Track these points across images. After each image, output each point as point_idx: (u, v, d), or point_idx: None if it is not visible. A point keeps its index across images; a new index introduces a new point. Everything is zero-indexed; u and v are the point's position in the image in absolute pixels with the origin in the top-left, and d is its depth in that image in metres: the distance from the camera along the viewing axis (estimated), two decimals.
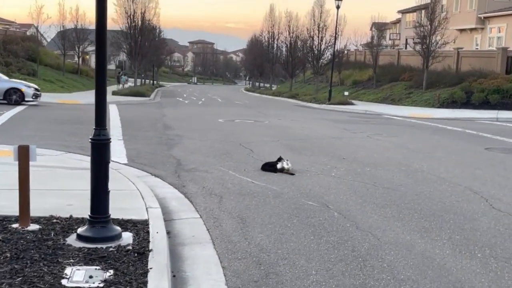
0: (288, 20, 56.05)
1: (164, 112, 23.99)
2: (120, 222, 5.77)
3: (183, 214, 6.78)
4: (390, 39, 63.84)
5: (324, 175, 9.47)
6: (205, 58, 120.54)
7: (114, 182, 7.88)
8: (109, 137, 5.26)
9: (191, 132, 15.65)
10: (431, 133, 18.29)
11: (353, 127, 19.49)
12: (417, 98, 34.65)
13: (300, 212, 6.96)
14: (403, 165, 10.82)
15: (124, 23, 39.19)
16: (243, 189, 8.17)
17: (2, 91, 23.55)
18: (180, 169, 9.67)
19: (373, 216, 6.90)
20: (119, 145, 12.35)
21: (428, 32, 35.29)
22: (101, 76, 5.10)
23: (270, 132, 16.57)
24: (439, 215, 7.01)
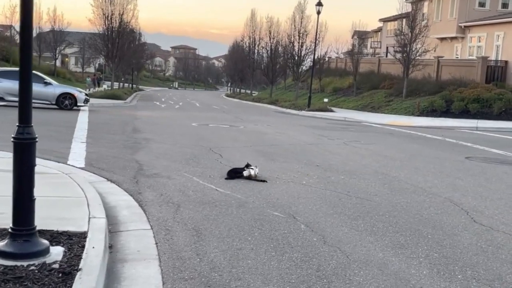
0: (269, 25, 55.71)
1: (137, 115, 23.20)
2: (53, 234, 5.04)
3: (132, 225, 6.07)
4: (371, 47, 63.84)
5: (295, 183, 8.82)
6: (186, 63, 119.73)
7: (61, 188, 7.15)
8: (34, 136, 4.51)
9: (160, 136, 14.92)
10: (410, 141, 17.80)
11: (330, 133, 18.93)
12: (397, 106, 34.33)
13: (263, 224, 6.28)
14: (380, 174, 10.23)
15: (102, 24, 38.29)
16: (205, 197, 7.48)
17: (54, 96, 23.71)
18: (140, 175, 8.94)
19: (343, 229, 6.26)
20: (80, 148, 11.59)
21: (408, 40, 35.06)
22: (25, 69, 4.41)
23: (243, 137, 15.90)
24: (416, 229, 6.40)
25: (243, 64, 64.55)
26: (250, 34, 62.34)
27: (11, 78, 22.78)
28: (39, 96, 23.19)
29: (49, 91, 23.91)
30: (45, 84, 24.11)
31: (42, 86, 23.79)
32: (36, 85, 22.40)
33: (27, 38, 4.35)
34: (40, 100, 23.54)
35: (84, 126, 16.11)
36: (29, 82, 4.45)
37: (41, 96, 23.49)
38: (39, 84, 23.56)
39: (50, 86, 24.29)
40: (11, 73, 23.82)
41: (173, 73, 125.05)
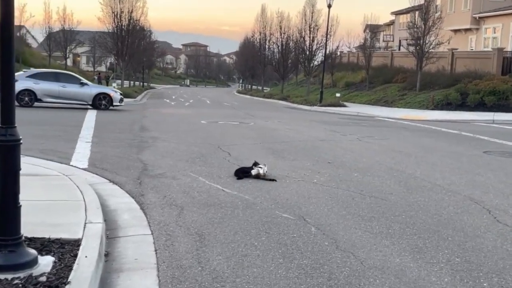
0: (279, 20, 55.22)
1: (146, 113, 22.91)
2: (44, 242, 4.69)
3: (132, 230, 5.71)
4: (383, 40, 63.05)
5: (305, 182, 8.41)
6: (198, 60, 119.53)
7: (59, 191, 6.81)
8: (18, 138, 4.15)
9: (168, 134, 14.57)
10: (425, 136, 17.29)
11: (342, 129, 18.48)
12: (411, 100, 33.72)
13: (271, 227, 5.89)
14: (395, 171, 9.79)
15: (111, 22, 38.06)
16: (210, 199, 7.11)
17: (91, 96, 23.97)
18: (144, 175, 8.59)
19: (357, 231, 5.85)
20: (85, 148, 11.28)
21: (422, 32, 34.39)
22: (7, 68, 4.05)
23: (253, 134, 15.50)
24: (435, 231, 5.97)
25: (254, 60, 64.09)
26: (261, 30, 61.90)
27: (47, 79, 23.51)
28: (76, 97, 23.84)
29: (85, 92, 24.07)
30: (81, 84, 24.29)
31: (78, 87, 24.03)
32: (73, 86, 23.58)
33: (7, 28, 3.98)
34: (77, 101, 23.96)
35: (91, 125, 15.82)
36: (10, 78, 4.08)
37: (78, 97, 23.85)
38: (75, 85, 24.00)
39: (87, 86, 24.53)
40: (47, 74, 24.45)
41: (184, 71, 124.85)
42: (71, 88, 23.74)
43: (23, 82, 22.76)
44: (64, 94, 23.53)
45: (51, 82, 23.56)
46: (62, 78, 24.37)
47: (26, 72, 24.68)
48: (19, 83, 22.42)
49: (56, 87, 23.43)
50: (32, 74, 23.86)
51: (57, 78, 24.15)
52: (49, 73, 25.21)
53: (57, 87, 23.44)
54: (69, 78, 24.64)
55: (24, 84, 22.76)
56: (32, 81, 23.20)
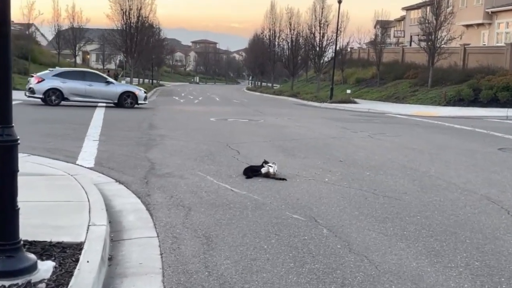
0: (289, 16, 54.93)
1: (155, 111, 22.76)
2: (45, 246, 4.51)
3: (137, 232, 5.52)
4: (394, 36, 62.51)
5: (316, 181, 8.18)
6: (207, 57, 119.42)
7: (63, 192, 6.63)
8: (16, 138, 3.93)
9: (176, 132, 14.40)
10: (438, 132, 17.00)
11: (353, 126, 18.21)
12: (423, 96, 33.36)
13: (281, 229, 5.68)
14: (408, 169, 9.53)
15: (119, 20, 37.96)
16: (219, 199, 6.90)
17: (116, 95, 24.08)
18: (152, 174, 8.40)
19: (370, 233, 5.62)
20: (92, 146, 11.12)
21: (433, 28, 34.01)
22: (3, 67, 3.86)
23: (262, 131, 15.29)
24: (452, 232, 5.72)
25: (264, 57, 63.83)
26: (270, 26, 61.61)
27: (73, 78, 23.64)
28: (101, 95, 23.94)
29: (111, 90, 24.15)
30: (107, 83, 24.42)
31: (104, 85, 24.12)
32: (99, 85, 23.96)
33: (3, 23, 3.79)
34: (103, 99, 24.07)
35: (99, 124, 15.68)
36: (7, 77, 3.88)
37: (103, 95, 23.94)
38: (101, 84, 24.11)
39: (112, 85, 24.68)
40: (73, 73, 24.60)
41: (193, 68, 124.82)
42: (97, 87, 23.85)
43: (50, 81, 22.90)
44: (90, 93, 23.65)
45: (77, 81, 23.64)
46: (88, 76, 24.43)
47: (52, 71, 24.72)
48: (46, 82, 22.78)
49: (82, 85, 23.52)
50: (58, 73, 23.89)
51: (83, 76, 24.20)
52: (76, 72, 25.31)
53: (83, 86, 23.52)
54: (94, 77, 24.78)
55: (51, 83, 22.85)
56: (59, 80, 23.21)
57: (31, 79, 23.66)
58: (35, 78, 23.20)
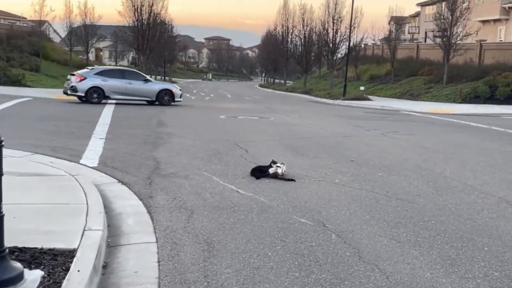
0: (302, 12, 54.47)
1: (164, 108, 22.52)
2: (35, 254, 4.26)
3: (135, 237, 5.25)
4: (408, 32, 61.82)
5: (326, 182, 7.87)
6: (220, 54, 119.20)
7: (61, 193, 6.38)
8: (0, 139, 3.67)
9: (185, 130, 14.15)
10: (454, 131, 16.57)
11: (366, 124, 17.84)
12: (437, 93, 32.81)
13: (287, 234, 5.39)
14: (422, 169, 9.18)
15: (131, 16, 37.83)
16: (223, 201, 6.62)
17: (155, 92, 24.40)
18: (156, 174, 8.15)
19: (382, 239, 5.30)
20: (98, 144, 10.89)
21: (449, 23, 33.40)
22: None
23: (272, 129, 14.98)
24: (469, 239, 5.39)
25: (276, 53, 63.45)
26: (283, 23, 61.18)
27: (114, 76, 23.88)
28: (140, 93, 24.28)
29: (149, 88, 24.44)
30: (145, 81, 24.76)
31: (142, 83, 24.43)
32: (138, 83, 24.30)
33: None
34: (142, 97, 24.41)
35: (106, 121, 15.47)
36: None
37: (142, 93, 24.25)
38: (139, 82, 24.44)
39: (150, 83, 25.03)
40: (114, 71, 24.97)
41: (206, 65, 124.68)
42: (136, 85, 24.16)
43: (92, 80, 23.17)
44: (130, 91, 23.93)
45: (117, 79, 23.91)
46: (127, 75, 24.78)
47: (93, 69, 25.04)
48: (88, 80, 23.05)
49: (123, 84, 23.81)
50: (99, 72, 24.17)
51: (123, 75, 24.50)
52: (116, 70, 25.63)
53: (124, 84, 23.81)
54: (133, 75, 25.12)
55: (93, 81, 23.13)
56: (101, 78, 23.45)
57: (71, 77, 23.79)
58: (76, 76, 23.39)
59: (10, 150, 9.79)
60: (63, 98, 26.22)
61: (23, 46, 37.52)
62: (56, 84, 33.28)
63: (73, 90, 23.03)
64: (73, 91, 23.06)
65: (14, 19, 55.54)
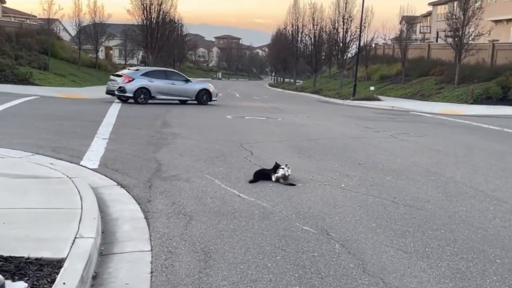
0: (312, 11, 54.04)
1: (171, 108, 22.32)
2: (20, 264, 4.05)
3: (130, 245, 5.03)
4: (420, 32, 61.21)
5: (332, 186, 7.61)
6: (230, 53, 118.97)
7: (56, 197, 6.17)
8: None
9: (190, 130, 13.93)
10: (465, 132, 16.23)
11: (376, 125, 17.54)
12: (449, 94, 32.36)
13: (289, 243, 5.14)
14: (432, 173, 8.89)
15: (140, 15, 37.67)
16: (224, 206, 6.38)
17: (195, 92, 25.25)
18: (156, 177, 7.93)
19: (388, 250, 5.04)
20: (100, 145, 10.70)
21: (461, 23, 32.91)
22: None
23: (279, 130, 14.71)
24: (480, 250, 5.11)
25: (286, 52, 63.10)
26: (293, 22, 60.77)
27: (158, 77, 24.49)
28: (182, 93, 25.03)
29: (190, 88, 25.26)
30: (186, 81, 25.50)
31: (183, 83, 25.18)
32: (179, 83, 25.03)
33: None
34: (183, 97, 25.13)
35: (111, 121, 15.28)
36: None
37: (183, 93, 25.01)
38: (181, 82, 25.20)
39: (190, 83, 25.77)
40: (157, 72, 25.39)
41: (216, 64, 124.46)
42: (179, 85, 24.86)
43: (139, 81, 23.64)
44: (172, 91, 24.57)
45: (162, 80, 24.48)
46: (170, 75, 25.40)
47: (138, 70, 25.52)
48: (136, 81, 23.53)
49: (166, 84, 24.42)
50: (145, 72, 24.61)
51: (166, 75, 25.06)
52: (159, 71, 26.04)
53: (167, 85, 24.41)
54: (175, 76, 25.77)
55: (140, 82, 23.60)
56: (147, 79, 23.94)
57: (117, 78, 24.17)
58: (124, 77, 23.72)
59: (11, 150, 9.65)
60: (68, 97, 26.13)
61: (32, 44, 37.50)
62: (64, 83, 33.20)
63: (122, 91, 23.43)
64: (121, 92, 23.45)
65: (24, 17, 55.67)
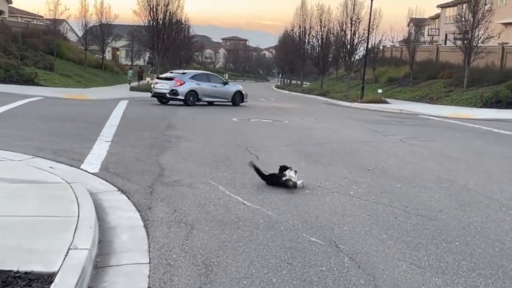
0: (319, 13, 53.78)
1: (176, 109, 22.09)
2: (8, 278, 3.80)
3: (127, 256, 4.76)
4: (428, 35, 60.81)
5: (340, 194, 7.32)
6: (237, 54, 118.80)
7: (52, 204, 5.89)
8: None
9: (194, 133, 13.67)
10: (475, 137, 15.88)
11: (384, 128, 17.22)
12: (458, 97, 31.98)
13: (295, 256, 4.86)
14: (444, 180, 8.57)
15: (146, 16, 37.49)
16: (227, 214, 6.11)
17: (231, 94, 26.63)
18: (158, 182, 7.66)
19: (400, 264, 4.75)
20: (102, 148, 10.45)
21: (470, 26, 32.54)
22: None
23: (286, 134, 14.42)
24: (498, 265, 4.81)
25: (293, 54, 62.82)
26: (301, 23, 60.52)
27: (203, 80, 25.75)
28: (221, 95, 26.34)
29: (228, 90, 26.62)
30: (224, 84, 26.99)
31: (222, 86, 26.61)
32: (220, 86, 26.46)
33: None
34: (222, 99, 26.33)
35: (115, 122, 15.03)
36: None
37: (223, 95, 26.28)
38: (220, 84, 26.65)
39: (228, 85, 27.19)
40: (202, 75, 26.75)
41: (223, 65, 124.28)
42: (219, 88, 26.25)
43: (189, 84, 24.78)
44: (214, 93, 25.91)
45: (206, 83, 25.77)
46: (212, 78, 26.82)
47: (186, 73, 26.35)
48: (186, 84, 24.65)
49: (210, 87, 25.77)
50: (193, 76, 25.80)
51: (208, 78, 26.45)
52: (203, 74, 27.42)
53: (210, 87, 25.78)
54: (216, 79, 27.27)
55: (190, 85, 24.76)
56: (195, 82, 25.14)
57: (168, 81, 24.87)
58: (176, 80, 24.69)
59: (10, 152, 9.42)
60: (73, 97, 25.96)
61: (38, 44, 37.39)
62: (69, 83, 33.04)
63: (174, 94, 24.40)
64: (173, 95, 24.42)
65: (31, 18, 55.66)
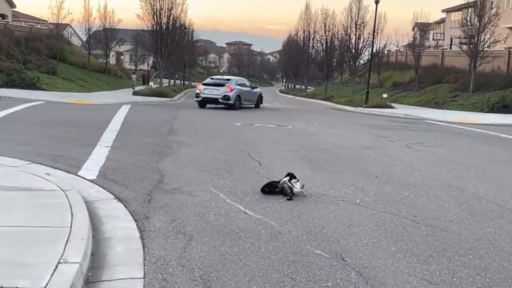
0: (324, 17, 53.49)
1: (178, 114, 21.85)
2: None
3: (120, 270, 4.49)
4: (433, 39, 60.44)
5: (346, 202, 7.03)
6: (241, 59, 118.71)
7: (45, 213, 5.63)
8: None
9: (196, 138, 13.40)
10: (483, 143, 15.56)
11: (390, 134, 16.92)
12: (464, 102, 31.65)
13: (299, 270, 4.58)
14: (453, 188, 8.28)
15: (150, 20, 37.33)
16: (228, 224, 5.84)
17: (256, 97, 29.56)
18: (157, 190, 7.40)
19: (411, 280, 4.46)
20: (102, 153, 10.20)
21: (476, 30, 32.22)
22: None
23: (289, 139, 14.13)
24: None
25: (297, 59, 62.56)
26: (305, 28, 60.21)
27: (243, 85, 28.25)
28: (250, 98, 28.86)
29: (255, 94, 29.47)
30: (252, 88, 29.68)
31: (251, 89, 29.29)
32: (250, 90, 29.12)
33: None
34: (250, 102, 28.83)
35: (116, 127, 14.78)
36: None
37: (251, 98, 28.89)
38: (250, 89, 29.28)
39: (254, 89, 29.91)
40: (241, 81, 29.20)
41: (227, 70, 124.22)
42: (250, 92, 28.96)
43: (236, 90, 26.81)
44: (248, 97, 28.41)
45: (244, 87, 28.23)
46: (246, 83, 29.34)
47: (230, 79, 28.51)
48: (235, 90, 26.64)
49: (247, 91, 28.37)
50: (236, 81, 28.07)
51: (245, 84, 29.00)
52: (241, 80, 29.74)
53: (247, 92, 28.38)
54: (247, 83, 29.75)
55: (237, 91, 26.88)
56: (239, 87, 27.41)
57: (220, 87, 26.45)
58: (227, 86, 26.56)
59: (7, 158, 9.18)
60: (75, 102, 25.74)
61: (41, 48, 37.26)
62: (72, 88, 32.86)
63: (227, 99, 26.28)
64: (226, 100, 26.27)
65: (34, 22, 55.63)
